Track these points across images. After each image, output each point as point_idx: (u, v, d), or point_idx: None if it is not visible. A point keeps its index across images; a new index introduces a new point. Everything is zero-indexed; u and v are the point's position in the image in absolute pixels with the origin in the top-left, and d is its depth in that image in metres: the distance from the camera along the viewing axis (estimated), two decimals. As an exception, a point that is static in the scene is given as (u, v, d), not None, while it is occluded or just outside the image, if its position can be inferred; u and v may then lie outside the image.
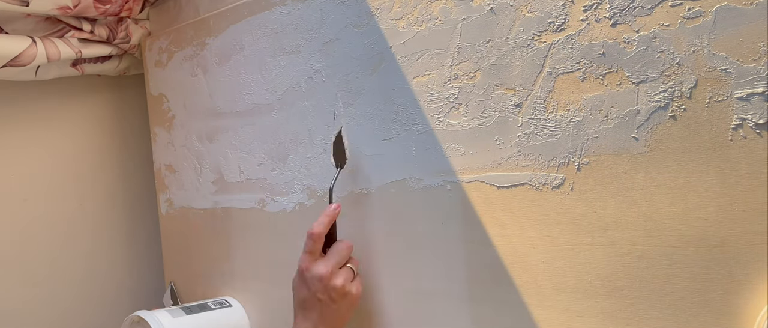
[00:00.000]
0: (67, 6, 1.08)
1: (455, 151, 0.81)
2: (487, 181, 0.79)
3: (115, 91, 1.40)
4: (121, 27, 1.24)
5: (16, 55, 1.07)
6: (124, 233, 1.40)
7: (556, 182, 0.73)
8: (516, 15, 0.75)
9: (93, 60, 1.25)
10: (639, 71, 0.66)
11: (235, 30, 1.09)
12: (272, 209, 1.06)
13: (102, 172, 1.37)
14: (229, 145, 1.12)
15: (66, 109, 1.32)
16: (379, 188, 0.90)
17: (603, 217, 0.69)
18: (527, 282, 0.76)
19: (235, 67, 1.10)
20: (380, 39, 0.88)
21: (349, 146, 0.88)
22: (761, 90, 0.59)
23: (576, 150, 0.71)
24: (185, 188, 1.23)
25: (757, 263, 0.60)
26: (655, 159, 0.65)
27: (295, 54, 0.99)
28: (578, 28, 0.70)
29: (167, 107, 1.25)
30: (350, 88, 0.92)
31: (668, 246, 0.65)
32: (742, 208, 0.61)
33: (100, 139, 1.37)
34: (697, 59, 0.62)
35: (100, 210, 1.36)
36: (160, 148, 1.29)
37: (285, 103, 1.02)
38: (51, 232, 1.28)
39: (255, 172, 1.08)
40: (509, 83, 0.76)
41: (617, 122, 0.68)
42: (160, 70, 1.26)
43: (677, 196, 0.64)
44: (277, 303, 1.05)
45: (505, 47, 0.76)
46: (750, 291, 0.61)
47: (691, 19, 0.62)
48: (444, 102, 0.82)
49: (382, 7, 0.88)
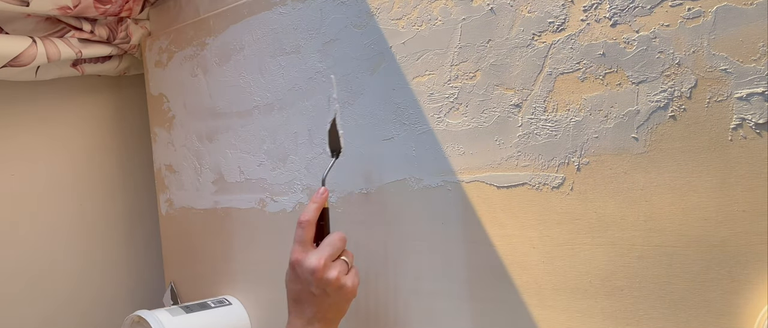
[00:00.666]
0: (67, 6, 1.08)
1: (455, 151, 0.81)
2: (487, 181, 0.79)
3: (115, 91, 1.40)
4: (121, 27, 1.24)
5: (16, 55, 1.07)
6: (124, 233, 1.40)
7: (556, 182, 0.73)
8: (516, 15, 0.75)
9: (93, 60, 1.25)
10: (639, 71, 0.66)
11: (235, 30, 1.09)
12: (272, 209, 1.06)
13: (102, 172, 1.37)
14: (229, 145, 1.12)
15: (66, 110, 1.32)
16: (379, 188, 0.90)
17: (603, 217, 0.69)
18: (527, 282, 0.76)
19: (235, 67, 1.10)
20: (380, 39, 0.88)
21: (343, 135, 0.86)
22: (761, 90, 0.59)
23: (576, 150, 0.71)
24: (185, 188, 1.23)
25: (757, 263, 0.60)
26: (655, 159, 0.65)
27: (295, 54, 0.99)
28: (578, 28, 0.70)
29: (167, 107, 1.25)
30: (350, 88, 0.92)
31: (668, 246, 0.65)
32: (742, 208, 0.61)
33: (100, 139, 1.37)
34: (697, 59, 0.62)
35: (100, 210, 1.36)
36: (160, 148, 1.29)
37: (285, 103, 1.02)
38: (51, 232, 1.28)
39: (255, 172, 1.08)
40: (509, 83, 0.76)
41: (617, 122, 0.68)
42: (160, 70, 1.26)
43: (677, 196, 0.64)
44: (278, 302, 1.05)
45: (505, 47, 0.76)
46: (750, 291, 0.61)
47: (691, 19, 0.62)
48: (444, 102, 0.82)
49: (382, 7, 0.88)
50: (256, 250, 1.10)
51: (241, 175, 1.11)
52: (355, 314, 0.90)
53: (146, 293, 1.42)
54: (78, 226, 1.33)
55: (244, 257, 1.12)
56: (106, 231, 1.37)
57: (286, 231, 1.03)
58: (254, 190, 1.08)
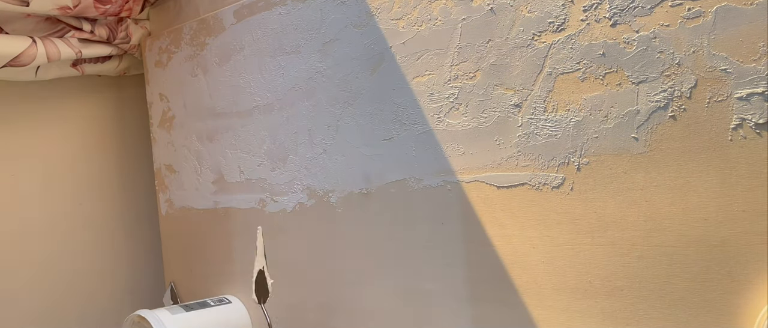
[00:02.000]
0: (67, 6, 1.08)
1: (455, 151, 0.81)
2: (487, 181, 0.79)
3: (115, 91, 1.40)
4: (121, 27, 1.24)
5: (16, 55, 1.07)
6: (124, 232, 1.40)
7: (556, 182, 0.73)
8: (516, 15, 0.75)
9: (93, 60, 1.25)
10: (639, 71, 0.66)
11: (235, 30, 1.09)
12: (272, 209, 1.06)
13: (102, 172, 1.37)
14: (229, 145, 1.12)
15: (66, 109, 1.32)
16: (379, 188, 0.90)
17: (603, 217, 0.69)
18: (527, 282, 0.76)
19: (235, 67, 1.10)
20: (380, 39, 0.88)
21: (272, 283, 0.85)
22: (761, 90, 0.59)
23: (576, 150, 0.71)
24: (185, 188, 1.23)
25: (757, 263, 0.60)
26: (655, 159, 0.66)
27: (295, 54, 0.99)
28: (578, 28, 0.70)
29: (167, 107, 1.25)
30: (350, 88, 0.92)
31: (668, 246, 0.65)
32: (742, 208, 0.61)
33: (100, 139, 1.37)
34: (697, 59, 0.62)
35: (100, 210, 1.36)
36: (160, 148, 1.29)
37: (285, 103, 1.02)
38: (51, 231, 1.28)
39: (255, 172, 1.08)
40: (509, 83, 0.76)
41: (617, 122, 0.68)
42: (160, 70, 1.26)
43: (677, 196, 0.64)
44: (277, 301, 1.05)
45: (505, 47, 0.76)
46: (750, 291, 0.61)
47: (691, 19, 0.62)
48: (444, 102, 0.82)
49: (382, 7, 0.88)
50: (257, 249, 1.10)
51: (241, 175, 1.11)
52: (355, 314, 0.90)
53: (146, 292, 1.42)
54: (78, 225, 1.33)
55: (244, 257, 1.12)
56: (106, 231, 1.37)
57: (286, 231, 1.03)
58: (254, 190, 1.08)
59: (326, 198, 0.96)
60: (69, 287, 1.31)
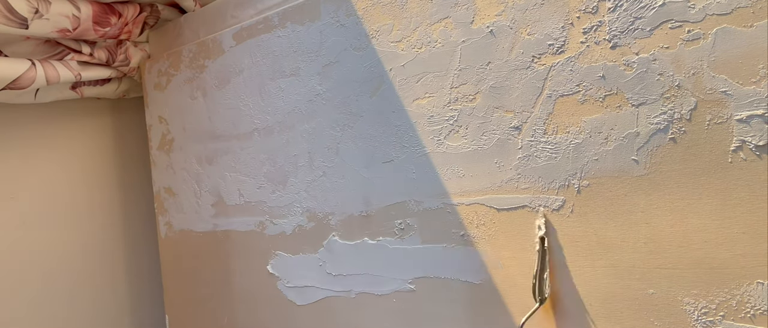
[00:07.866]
0: (67, 29, 1.09)
1: (455, 173, 0.81)
2: (487, 203, 0.79)
3: (115, 114, 1.40)
4: (120, 50, 1.24)
5: (15, 77, 1.07)
6: (123, 255, 1.39)
7: (556, 205, 0.72)
8: (516, 37, 0.75)
9: (92, 83, 1.26)
10: (639, 93, 0.66)
11: (235, 52, 1.10)
12: (272, 231, 1.05)
13: (101, 195, 1.36)
14: (228, 168, 1.12)
15: (65, 132, 1.32)
16: (379, 210, 0.90)
17: (603, 239, 0.69)
18: (527, 305, 0.76)
19: (235, 90, 1.10)
20: (380, 61, 0.89)
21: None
22: (761, 112, 0.59)
23: (576, 172, 0.71)
24: (185, 211, 1.23)
25: (756, 285, 0.60)
26: (656, 181, 0.65)
27: (295, 77, 1.00)
28: (578, 50, 0.70)
29: (167, 130, 1.25)
30: (350, 111, 0.92)
31: (669, 268, 0.65)
32: (742, 230, 0.61)
33: (99, 162, 1.37)
34: (697, 81, 0.62)
35: (99, 232, 1.36)
36: (159, 171, 1.29)
37: (285, 126, 1.02)
38: (50, 255, 1.28)
39: (254, 195, 1.08)
40: (509, 105, 0.76)
41: (617, 144, 0.68)
42: (160, 93, 1.26)
43: (677, 218, 0.64)
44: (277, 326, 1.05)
45: (505, 69, 0.76)
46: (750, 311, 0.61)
47: (690, 42, 0.63)
48: (444, 124, 0.82)
49: (381, 30, 0.88)
50: (256, 273, 1.09)
51: (241, 198, 1.10)
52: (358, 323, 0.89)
53: (146, 315, 1.41)
54: (77, 248, 1.32)
55: (243, 279, 1.12)
56: (105, 253, 1.36)
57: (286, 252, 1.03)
58: (254, 213, 1.08)
59: (326, 221, 0.95)
60: (68, 310, 1.30)
